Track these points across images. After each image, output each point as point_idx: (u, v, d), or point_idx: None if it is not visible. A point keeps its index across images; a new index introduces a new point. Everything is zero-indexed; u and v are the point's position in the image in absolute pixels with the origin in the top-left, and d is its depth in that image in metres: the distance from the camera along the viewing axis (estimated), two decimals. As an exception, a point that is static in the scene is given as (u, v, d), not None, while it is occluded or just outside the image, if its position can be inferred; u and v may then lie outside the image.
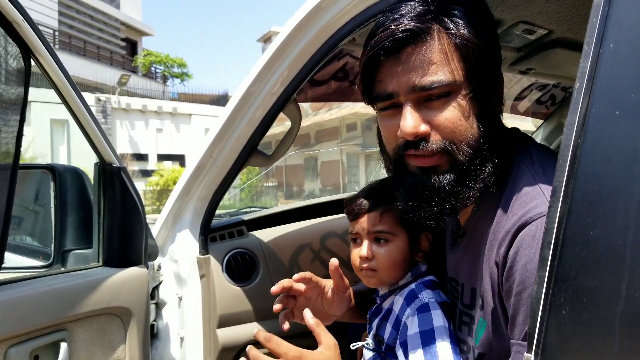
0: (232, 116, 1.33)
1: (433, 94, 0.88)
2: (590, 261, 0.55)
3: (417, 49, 0.88)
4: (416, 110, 0.89)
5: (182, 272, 1.49)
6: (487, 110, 0.93)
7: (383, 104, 0.95)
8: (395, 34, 0.87)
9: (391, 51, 0.89)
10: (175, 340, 1.52)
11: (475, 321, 0.99)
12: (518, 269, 0.83)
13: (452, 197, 0.91)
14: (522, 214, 0.85)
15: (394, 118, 0.94)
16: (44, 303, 1.10)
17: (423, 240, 1.19)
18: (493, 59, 0.94)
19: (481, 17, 0.92)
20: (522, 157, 0.95)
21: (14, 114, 1.03)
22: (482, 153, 0.91)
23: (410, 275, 1.19)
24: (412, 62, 0.88)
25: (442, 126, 0.89)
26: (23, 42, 1.01)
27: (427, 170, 0.92)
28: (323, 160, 23.85)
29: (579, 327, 0.55)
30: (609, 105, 0.57)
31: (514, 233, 0.84)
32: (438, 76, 0.87)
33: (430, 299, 1.09)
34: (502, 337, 0.91)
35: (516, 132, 1.05)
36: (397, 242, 1.17)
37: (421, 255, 1.19)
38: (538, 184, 0.87)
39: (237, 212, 2.01)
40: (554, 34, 1.42)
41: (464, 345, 1.04)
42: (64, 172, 1.41)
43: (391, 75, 0.91)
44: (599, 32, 0.59)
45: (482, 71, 0.90)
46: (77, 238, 1.38)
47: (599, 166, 0.56)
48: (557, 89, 2.16)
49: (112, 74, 25.27)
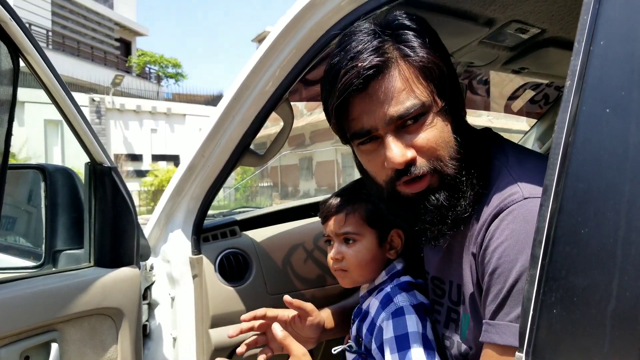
0: (223, 116, 1.32)
1: (408, 119, 0.90)
2: (581, 260, 0.55)
3: (382, 81, 0.90)
4: (397, 138, 0.91)
5: (174, 272, 1.48)
6: (458, 120, 0.96)
7: (361, 140, 0.96)
8: (362, 72, 0.89)
9: (358, 89, 0.90)
10: (167, 341, 1.51)
11: (460, 316, 1.01)
12: (491, 250, 0.86)
13: (451, 212, 0.93)
14: (497, 204, 0.88)
15: (376, 151, 0.96)
16: (34, 303, 1.09)
17: (394, 238, 1.21)
18: (449, 71, 0.96)
19: (429, 34, 0.95)
20: (495, 154, 0.98)
21: (3, 114, 1.02)
22: (466, 161, 0.94)
23: (385, 274, 1.20)
24: (381, 95, 0.90)
25: (426, 147, 0.91)
26: (11, 41, 1.00)
27: (423, 193, 0.94)
28: (318, 160, 23.84)
29: (570, 326, 0.55)
30: (599, 103, 0.57)
31: (490, 221, 0.88)
32: (410, 102, 0.89)
33: (404, 303, 1.11)
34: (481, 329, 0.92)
35: (488, 132, 1.07)
36: (364, 242, 1.19)
37: (394, 252, 1.21)
38: (512, 176, 0.91)
39: (230, 212, 2.00)
40: (547, 33, 1.42)
41: (447, 342, 1.06)
42: (55, 172, 1.40)
43: (364, 112, 0.92)
44: (590, 30, 0.59)
45: (445, 85, 0.94)
46: (68, 238, 1.36)
47: (589, 164, 0.56)
48: (550, 88, 2.17)
49: (106, 74, 25.18)
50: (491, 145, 1.01)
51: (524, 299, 0.61)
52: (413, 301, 1.12)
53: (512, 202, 0.86)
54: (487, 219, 0.89)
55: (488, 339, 0.84)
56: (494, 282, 0.84)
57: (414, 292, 1.15)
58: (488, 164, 0.97)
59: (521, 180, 0.88)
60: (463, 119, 1.00)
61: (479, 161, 0.96)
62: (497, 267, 0.84)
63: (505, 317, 0.82)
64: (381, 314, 1.12)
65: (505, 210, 0.86)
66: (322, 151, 22.47)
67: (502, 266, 0.83)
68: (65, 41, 26.50)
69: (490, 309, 0.85)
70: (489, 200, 0.91)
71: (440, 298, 1.09)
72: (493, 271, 0.85)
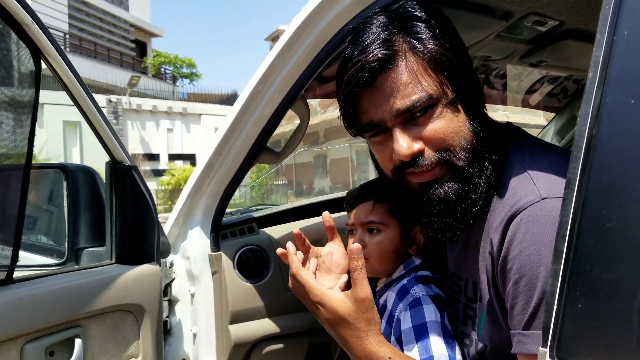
0: (240, 114, 1.33)
1: (416, 112, 0.90)
2: (606, 254, 0.54)
3: (390, 74, 0.90)
4: (405, 131, 0.91)
5: (194, 269, 1.50)
6: (471, 111, 0.94)
7: (371, 132, 0.97)
8: (367, 65, 0.89)
9: (366, 83, 0.91)
10: (188, 337, 1.53)
11: (477, 314, 1.00)
12: (512, 257, 0.83)
13: (460, 205, 0.92)
14: (513, 203, 0.86)
15: (385, 143, 0.96)
16: (58, 300, 1.11)
17: (418, 234, 1.21)
18: (462, 61, 0.95)
19: (440, 24, 0.94)
20: (513, 149, 0.96)
21: (26, 115, 1.04)
22: (479, 153, 0.92)
23: (403, 268, 1.20)
24: (388, 88, 0.90)
25: (434, 138, 0.91)
26: (33, 43, 1.02)
27: (430, 184, 0.94)
28: (332, 158, 23.82)
29: (595, 321, 0.54)
30: (623, 94, 0.56)
31: (506, 223, 0.85)
32: (417, 95, 0.89)
33: (421, 294, 1.11)
34: (498, 327, 0.92)
35: (509, 127, 1.05)
36: (388, 232, 1.20)
37: (415, 248, 1.21)
38: (528, 173, 0.88)
39: (248, 210, 2.01)
40: (565, 25, 1.39)
41: (467, 339, 1.05)
42: (76, 171, 1.42)
43: (373, 105, 0.93)
44: (612, 20, 0.58)
45: (456, 77, 0.92)
46: (90, 236, 1.39)
47: (614, 157, 0.55)
48: (569, 82, 2.13)
49: (122, 76, 25.46)
50: (510, 140, 0.99)
51: (547, 293, 0.60)
52: (430, 292, 1.12)
53: (529, 203, 0.83)
54: (503, 219, 0.86)
55: (525, 350, 0.81)
56: (520, 292, 0.82)
57: (430, 285, 1.15)
58: (504, 159, 0.95)
59: (538, 178, 0.86)
60: (479, 110, 0.98)
61: (494, 154, 0.94)
62: (522, 277, 0.82)
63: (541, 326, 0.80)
64: (399, 305, 1.13)
65: (522, 211, 0.83)
66: (336, 148, 22.45)
67: (528, 275, 0.81)
68: (82, 43, 26.85)
69: (522, 319, 0.82)
70: (505, 197, 0.89)
71: (457, 295, 1.09)
72: (518, 280, 0.82)
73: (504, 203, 0.88)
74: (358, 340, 0.94)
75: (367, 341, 0.94)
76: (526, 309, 0.82)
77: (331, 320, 0.96)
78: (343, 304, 0.95)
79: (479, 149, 0.92)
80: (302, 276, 0.99)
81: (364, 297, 0.93)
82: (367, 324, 0.94)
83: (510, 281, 0.84)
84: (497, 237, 0.87)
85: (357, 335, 0.94)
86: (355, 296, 0.93)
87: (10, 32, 1.00)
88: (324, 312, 0.96)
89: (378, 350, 0.93)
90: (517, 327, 0.84)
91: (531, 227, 0.81)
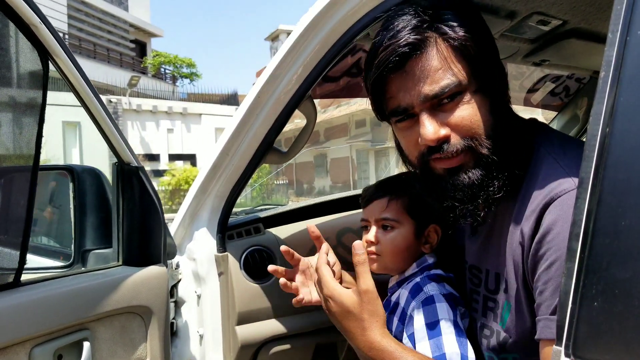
0: (247, 115, 1.33)
1: (444, 98, 0.91)
2: (622, 252, 0.54)
3: (420, 59, 0.91)
4: (432, 116, 0.93)
5: (200, 270, 1.50)
6: (497, 102, 0.96)
7: (398, 118, 0.98)
8: (398, 50, 0.90)
9: (396, 67, 0.92)
10: (194, 338, 1.53)
11: (500, 305, 1.01)
12: (546, 242, 0.84)
13: (483, 191, 0.93)
14: (547, 192, 0.87)
15: (411, 128, 0.97)
16: (66, 303, 1.11)
17: (432, 233, 1.22)
18: (491, 53, 0.97)
19: (471, 15, 0.96)
20: (541, 142, 0.98)
21: (33, 117, 1.04)
22: (503, 143, 0.93)
23: (416, 266, 1.21)
24: (418, 73, 0.92)
25: (460, 125, 0.92)
26: (41, 44, 1.02)
27: (455, 170, 0.95)
28: (333, 157, 23.84)
29: (612, 320, 0.54)
30: (638, 93, 0.56)
31: (540, 211, 0.86)
32: (445, 81, 0.90)
33: (434, 292, 1.11)
34: (523, 318, 0.93)
35: (535, 122, 1.07)
36: (402, 230, 1.20)
37: (428, 247, 1.22)
38: (560, 165, 0.90)
39: (253, 210, 2.01)
40: (569, 24, 1.40)
41: (487, 330, 1.06)
42: (83, 172, 1.42)
43: (401, 90, 0.94)
44: (625, 19, 0.58)
45: (484, 66, 0.94)
46: (97, 238, 1.39)
47: (629, 155, 0.56)
48: (571, 80, 2.14)
49: (122, 76, 25.46)
50: (538, 134, 1.01)
51: (561, 292, 0.60)
52: (442, 290, 1.12)
53: (564, 192, 0.84)
54: (536, 209, 0.87)
55: (552, 335, 0.80)
56: (552, 276, 0.82)
57: (443, 284, 1.15)
58: (532, 151, 0.97)
59: (571, 169, 0.87)
60: (504, 101, 0.99)
61: (518, 145, 0.95)
62: (555, 261, 0.82)
63: None
64: (411, 303, 1.13)
65: (557, 199, 0.84)
66: (336, 148, 22.46)
67: (561, 259, 0.81)
68: (81, 44, 26.84)
69: (551, 304, 0.82)
70: (536, 189, 0.90)
71: (477, 287, 1.10)
72: (550, 265, 0.83)
73: (536, 194, 0.89)
74: (362, 330, 1.00)
75: (370, 332, 0.99)
76: (555, 294, 0.82)
77: (338, 313, 1.03)
78: (349, 296, 1.02)
79: (503, 139, 0.94)
80: (321, 270, 1.08)
81: (366, 289, 1.00)
82: (370, 316, 1.00)
83: (543, 266, 0.85)
84: (530, 225, 0.88)
85: (361, 326, 1.00)
86: (358, 289, 1.01)
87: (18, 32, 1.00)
88: (333, 306, 1.04)
89: (381, 341, 0.98)
90: (545, 312, 0.84)
91: (566, 214, 0.82)
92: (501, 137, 0.93)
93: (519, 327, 0.95)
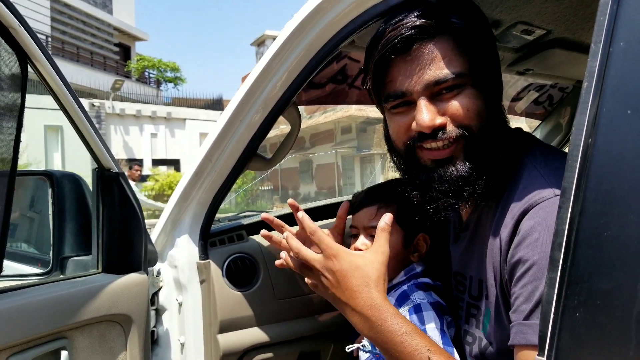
0: (231, 120, 1.32)
1: (444, 87, 0.92)
2: (604, 263, 0.54)
3: (425, 45, 0.92)
4: (430, 103, 0.93)
5: (181, 277, 1.48)
6: (492, 100, 0.97)
7: (394, 102, 0.97)
8: (404, 32, 0.91)
9: (401, 49, 0.92)
10: (175, 347, 1.51)
11: (482, 312, 1.01)
12: (522, 248, 0.85)
13: (469, 185, 0.94)
14: (526, 200, 0.88)
15: (405, 114, 0.97)
16: (43, 311, 1.08)
17: (420, 242, 1.21)
18: (491, 50, 0.99)
19: (476, 14, 0.97)
20: (525, 152, 0.99)
21: (11, 120, 1.01)
22: (495, 141, 0.94)
23: (403, 275, 1.21)
24: (422, 58, 0.92)
25: (457, 114, 0.92)
26: (20, 47, 1.00)
27: (443, 162, 0.95)
28: (318, 164, 23.85)
29: (594, 330, 0.54)
30: (620, 104, 0.56)
31: (518, 218, 0.87)
32: (449, 69, 0.91)
33: (421, 300, 1.12)
34: (502, 325, 0.93)
35: (519, 131, 1.08)
36: (390, 239, 1.17)
37: (417, 255, 1.21)
38: (540, 174, 0.91)
39: (236, 217, 1.99)
40: (552, 34, 1.42)
41: (469, 337, 1.06)
42: (62, 178, 1.39)
43: (403, 74, 0.94)
44: (608, 31, 0.58)
45: (485, 62, 0.95)
46: (76, 245, 1.36)
47: (611, 166, 0.56)
48: (554, 90, 2.16)
49: (105, 80, 25.19)
50: (522, 143, 1.02)
51: (543, 302, 0.60)
52: (429, 299, 1.12)
53: (542, 199, 0.85)
54: (515, 215, 0.88)
55: (524, 341, 0.81)
56: (527, 282, 0.83)
57: (430, 292, 1.15)
58: (516, 160, 0.98)
59: (550, 178, 0.88)
60: (498, 101, 1.01)
61: (506, 148, 0.96)
62: (532, 266, 0.82)
63: None
64: (398, 310, 1.13)
65: (536, 206, 0.85)
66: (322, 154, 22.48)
67: (537, 265, 0.82)
68: (64, 47, 26.51)
69: (525, 309, 0.83)
70: (516, 196, 0.91)
71: (462, 294, 1.10)
72: (526, 270, 0.83)
73: (516, 202, 0.90)
74: (366, 288, 0.91)
75: (375, 290, 0.91)
76: (530, 298, 0.82)
77: (343, 270, 0.93)
78: (358, 255, 0.95)
79: (495, 138, 0.95)
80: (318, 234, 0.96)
81: (382, 251, 0.95)
82: (377, 276, 0.93)
83: (519, 272, 0.85)
84: (508, 231, 0.89)
85: (366, 283, 0.91)
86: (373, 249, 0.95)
87: (-4, 36, 0.98)
88: (337, 264, 0.93)
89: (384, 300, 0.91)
90: (518, 318, 0.84)
91: (543, 220, 0.83)
92: (493, 134, 0.94)
93: (499, 334, 0.95)
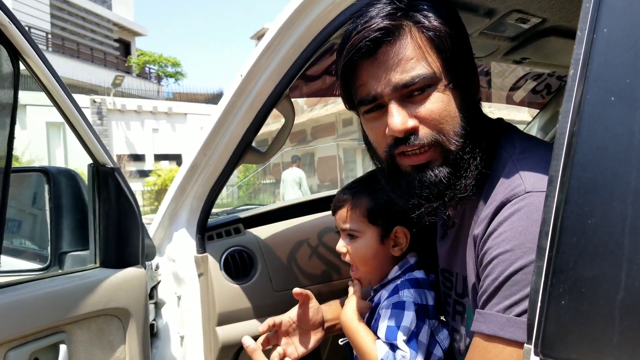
0: (224, 114, 1.32)
1: (415, 89, 0.89)
2: (588, 251, 0.54)
3: (393, 46, 0.89)
4: (401, 106, 0.90)
5: (180, 271, 1.48)
6: (468, 98, 0.94)
7: (367, 107, 0.95)
8: (370, 34, 0.88)
9: (367, 53, 0.90)
10: (175, 339, 1.52)
11: (465, 308, 1.01)
12: (489, 242, 0.85)
13: (449, 190, 0.92)
14: (500, 197, 0.87)
15: (379, 119, 0.95)
16: (42, 306, 1.09)
17: (399, 235, 1.19)
18: (465, 49, 0.96)
19: (447, 9, 0.94)
20: (504, 144, 0.97)
21: (5, 117, 1.02)
22: (472, 141, 0.92)
23: (398, 269, 1.20)
24: (389, 60, 0.89)
25: (429, 118, 0.90)
26: (11, 44, 1.00)
27: (422, 167, 0.93)
28: (320, 156, 23.83)
29: (579, 318, 0.54)
30: (604, 91, 0.56)
31: (492, 216, 0.87)
32: (417, 70, 0.88)
33: (408, 299, 1.11)
34: None
35: (500, 122, 1.06)
36: (365, 239, 1.19)
37: (398, 249, 1.20)
38: (517, 168, 0.89)
39: (234, 210, 2.00)
40: (548, 22, 1.40)
41: (456, 335, 1.06)
42: (58, 174, 1.40)
43: (372, 78, 0.92)
44: (592, 17, 0.58)
45: (458, 61, 0.92)
46: (74, 240, 1.37)
47: (595, 154, 0.56)
48: (552, 78, 2.15)
49: (106, 75, 25.16)
50: (501, 135, 1.00)
51: (531, 290, 0.60)
52: (417, 300, 1.12)
53: (514, 196, 0.84)
54: (489, 213, 0.88)
55: (476, 328, 0.83)
56: (489, 273, 0.84)
57: (423, 291, 1.14)
58: (495, 153, 0.96)
59: (526, 173, 0.87)
60: (474, 99, 0.98)
61: (485, 145, 0.94)
62: (494, 259, 0.83)
63: (494, 307, 0.81)
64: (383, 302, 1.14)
65: (507, 203, 0.85)
66: (323, 147, 22.46)
67: (498, 257, 0.82)
68: (64, 43, 26.47)
69: (482, 299, 0.84)
70: (494, 192, 0.90)
71: (449, 290, 1.10)
72: (489, 262, 0.84)
73: (492, 198, 0.89)
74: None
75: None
76: (487, 289, 0.83)
77: None
78: None
79: (471, 137, 0.92)
80: None
81: None
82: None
83: (484, 263, 0.86)
84: (482, 227, 0.88)
85: None
86: None
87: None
88: None
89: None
90: (479, 306, 0.85)
91: (511, 216, 0.83)
92: (470, 135, 0.92)
93: None
